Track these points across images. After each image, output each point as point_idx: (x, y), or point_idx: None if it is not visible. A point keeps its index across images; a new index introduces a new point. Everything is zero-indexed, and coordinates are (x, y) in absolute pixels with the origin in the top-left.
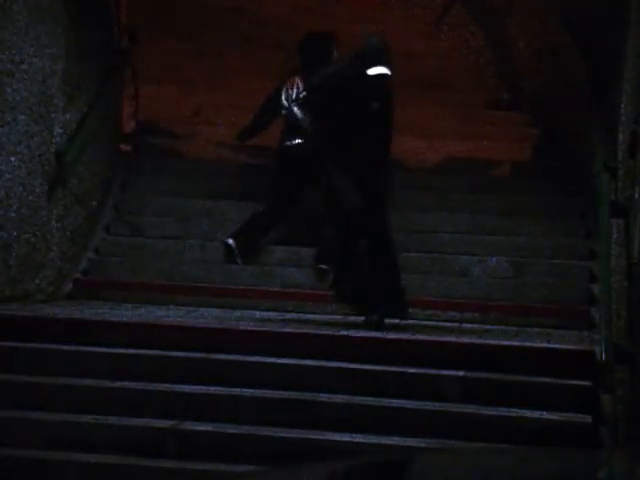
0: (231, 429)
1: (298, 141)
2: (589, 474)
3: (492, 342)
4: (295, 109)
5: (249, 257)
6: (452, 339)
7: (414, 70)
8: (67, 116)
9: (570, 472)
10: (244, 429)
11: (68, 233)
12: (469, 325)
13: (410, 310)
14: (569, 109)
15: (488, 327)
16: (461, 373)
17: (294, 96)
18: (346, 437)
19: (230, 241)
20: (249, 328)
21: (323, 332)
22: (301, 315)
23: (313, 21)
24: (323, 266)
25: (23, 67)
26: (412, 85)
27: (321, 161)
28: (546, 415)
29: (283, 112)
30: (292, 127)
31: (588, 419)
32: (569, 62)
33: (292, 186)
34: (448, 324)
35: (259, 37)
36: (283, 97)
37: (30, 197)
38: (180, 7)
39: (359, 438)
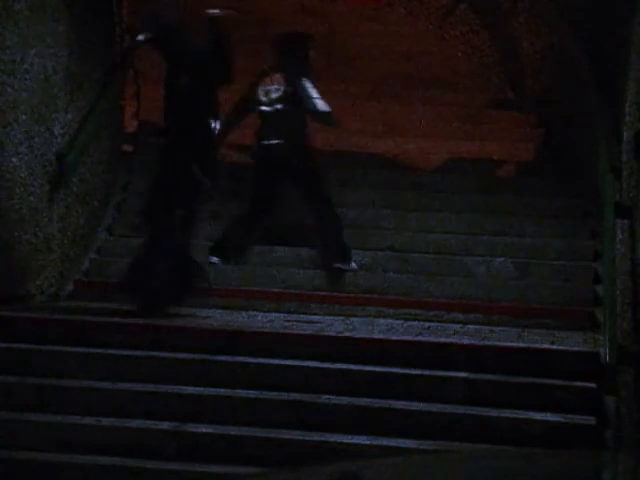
0: (233, 431)
1: (277, 141)
2: (593, 476)
3: (496, 343)
4: (279, 106)
5: (238, 260)
6: (456, 340)
7: (417, 70)
8: (69, 116)
9: (574, 474)
10: (246, 431)
11: (69, 234)
12: (473, 326)
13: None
14: (573, 109)
15: (492, 328)
16: (465, 374)
17: (276, 94)
18: (349, 439)
19: (214, 259)
20: (251, 330)
21: (326, 333)
22: (303, 316)
23: (315, 21)
24: (339, 265)
25: (25, 67)
26: (416, 85)
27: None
28: (550, 417)
29: (262, 109)
30: (270, 125)
31: (592, 421)
32: (573, 62)
33: (270, 186)
34: (452, 325)
35: (260, 37)
36: (261, 94)
37: (31, 197)
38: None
39: (362, 440)
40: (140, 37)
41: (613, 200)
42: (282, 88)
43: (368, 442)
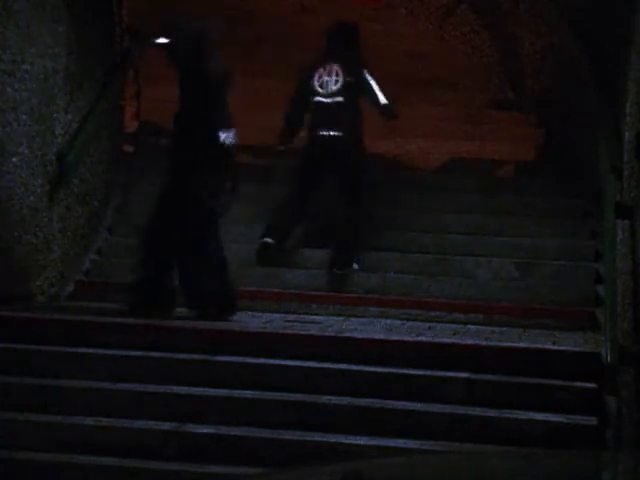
0: (233, 431)
1: (333, 133)
2: (593, 476)
3: (497, 344)
4: (338, 99)
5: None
6: (457, 341)
7: (418, 70)
8: (69, 116)
9: (574, 474)
10: (246, 431)
11: (70, 234)
12: (474, 327)
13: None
14: (574, 109)
15: (493, 329)
16: (465, 375)
17: (335, 86)
18: (349, 439)
19: (269, 240)
20: (251, 330)
21: (326, 334)
22: (304, 316)
23: (315, 20)
24: (339, 272)
25: (24, 67)
26: (416, 85)
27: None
28: (551, 417)
29: (319, 100)
30: (328, 117)
31: (593, 421)
32: (573, 62)
33: (316, 179)
34: (453, 325)
35: (260, 36)
36: (317, 85)
37: (31, 198)
38: (180, 6)
39: (363, 440)
40: (157, 40)
41: (614, 200)
42: (341, 79)
43: (369, 442)
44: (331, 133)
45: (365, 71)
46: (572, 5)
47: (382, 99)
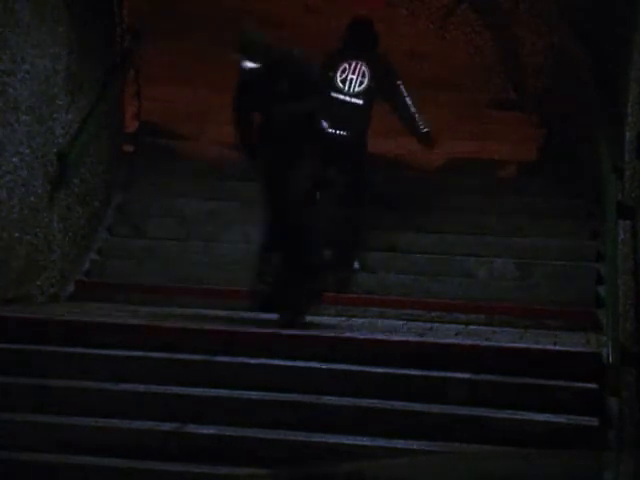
0: (235, 432)
1: (339, 132)
2: (594, 477)
3: (498, 344)
4: (358, 101)
5: None
6: (458, 341)
7: (419, 70)
8: (69, 116)
9: (575, 474)
10: (248, 432)
11: (70, 234)
12: (475, 327)
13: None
14: (575, 109)
15: (494, 329)
16: (467, 375)
17: (358, 87)
18: (351, 440)
19: None
20: (253, 330)
21: (327, 334)
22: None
23: (317, 20)
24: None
25: (25, 67)
26: (417, 85)
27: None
28: (552, 418)
29: (335, 97)
30: (339, 115)
31: (594, 422)
32: (575, 62)
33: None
34: (454, 326)
35: None
36: (339, 81)
37: (32, 198)
38: (181, 7)
39: (364, 441)
40: (248, 65)
41: (615, 200)
42: (366, 82)
43: (370, 443)
44: (337, 132)
45: (401, 85)
46: (572, 5)
47: (422, 126)
